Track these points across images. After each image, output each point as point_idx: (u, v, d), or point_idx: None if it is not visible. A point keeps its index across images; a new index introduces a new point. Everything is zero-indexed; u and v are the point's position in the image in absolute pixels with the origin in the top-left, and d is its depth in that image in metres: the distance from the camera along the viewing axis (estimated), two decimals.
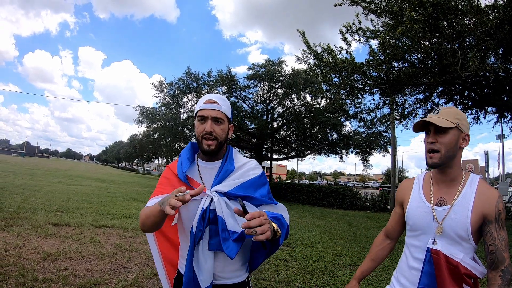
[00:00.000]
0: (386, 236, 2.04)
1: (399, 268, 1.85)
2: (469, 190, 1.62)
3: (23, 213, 8.04)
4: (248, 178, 1.74)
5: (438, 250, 1.59)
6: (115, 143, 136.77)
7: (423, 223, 1.67)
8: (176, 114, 24.66)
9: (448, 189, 1.68)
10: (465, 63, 7.41)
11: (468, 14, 7.47)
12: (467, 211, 1.57)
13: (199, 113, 1.71)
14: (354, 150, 24.74)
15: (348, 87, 11.21)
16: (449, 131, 1.61)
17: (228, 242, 1.57)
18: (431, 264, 1.60)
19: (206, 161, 1.78)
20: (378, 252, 2.02)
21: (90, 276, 4.57)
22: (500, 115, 12.66)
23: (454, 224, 1.57)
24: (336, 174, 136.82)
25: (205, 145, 1.68)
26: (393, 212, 1.99)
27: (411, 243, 1.76)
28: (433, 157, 1.63)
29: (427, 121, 1.63)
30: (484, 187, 1.63)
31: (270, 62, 23.86)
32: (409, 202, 1.79)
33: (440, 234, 1.60)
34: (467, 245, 1.59)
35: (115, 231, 7.46)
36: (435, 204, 1.67)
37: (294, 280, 5.18)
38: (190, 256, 1.58)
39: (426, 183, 1.79)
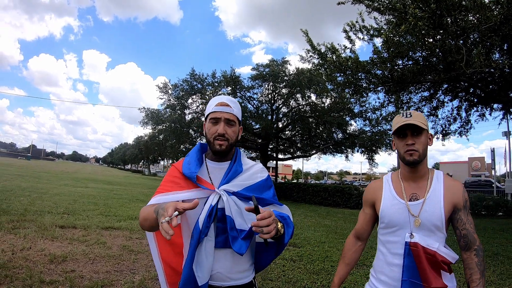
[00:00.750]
0: (357, 238, 2.09)
1: (377, 267, 1.91)
2: (437, 184, 1.80)
3: (29, 216, 8.07)
4: (255, 181, 1.80)
5: (416, 242, 1.70)
6: (120, 145, 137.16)
7: (400, 219, 1.78)
8: (181, 116, 24.69)
9: (418, 185, 1.83)
10: (470, 59, 7.37)
11: (472, 10, 7.42)
12: (439, 202, 1.74)
13: (211, 115, 1.75)
14: (360, 149, 24.62)
15: (352, 86, 11.19)
16: (423, 132, 1.78)
17: (237, 241, 1.61)
18: (411, 257, 1.70)
19: (215, 162, 1.82)
20: (352, 256, 2.07)
21: (97, 278, 4.58)
22: (506, 111, 12.59)
23: (429, 216, 1.72)
24: (342, 173, 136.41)
25: (217, 145, 1.71)
26: (362, 213, 2.07)
27: (388, 240, 1.84)
28: (413, 155, 1.75)
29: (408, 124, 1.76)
30: (449, 180, 1.83)
31: (274, 62, 23.83)
32: (382, 201, 1.88)
33: (418, 226, 1.72)
34: (440, 234, 1.74)
35: (121, 232, 7.48)
36: (408, 200, 1.80)
37: (301, 280, 5.16)
38: (192, 252, 1.59)
39: (395, 182, 1.92)
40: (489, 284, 5.28)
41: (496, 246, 8.21)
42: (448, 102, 12.92)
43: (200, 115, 25.18)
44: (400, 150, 1.80)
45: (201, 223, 1.60)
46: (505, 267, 6.30)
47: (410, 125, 1.75)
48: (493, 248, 7.94)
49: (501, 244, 8.52)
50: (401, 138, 1.80)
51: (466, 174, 72.54)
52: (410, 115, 1.78)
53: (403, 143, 1.78)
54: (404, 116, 1.78)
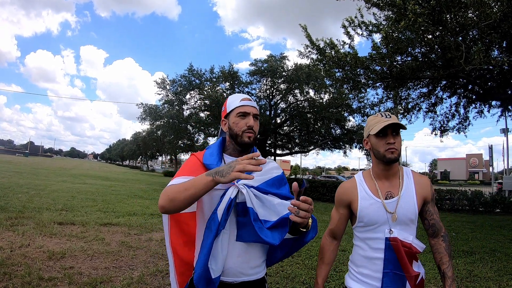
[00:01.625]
0: (332, 237, 2.12)
1: (357, 261, 1.97)
2: (408, 181, 1.93)
3: (28, 213, 8.07)
4: (272, 176, 1.85)
5: (396, 237, 1.81)
6: (118, 141, 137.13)
7: (378, 217, 1.86)
8: (179, 111, 24.65)
9: (391, 183, 1.93)
10: (469, 56, 7.36)
11: (471, 7, 7.39)
12: (413, 198, 1.87)
13: (239, 110, 1.79)
14: (358, 145, 24.64)
15: (351, 82, 11.16)
16: (399, 133, 1.90)
17: (265, 231, 1.63)
18: (391, 250, 1.81)
19: (233, 156, 1.85)
20: (330, 255, 2.10)
21: (96, 274, 4.58)
22: (504, 108, 12.60)
23: (405, 211, 1.84)
24: (340, 169, 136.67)
25: (246, 137, 1.76)
26: (336, 213, 2.10)
27: (368, 237, 1.91)
28: (394, 153, 1.84)
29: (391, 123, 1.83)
30: (418, 176, 1.98)
31: (272, 57, 23.78)
32: (359, 202, 1.93)
33: (395, 221, 1.82)
34: (413, 226, 1.88)
35: (120, 228, 7.48)
36: (384, 198, 1.89)
37: (299, 275, 5.18)
38: (209, 244, 1.57)
39: (368, 181, 1.99)
40: (487, 280, 5.31)
41: (493, 242, 8.23)
42: (447, 98, 12.93)
43: (199, 110, 25.16)
44: (380, 149, 1.86)
45: (220, 215, 1.59)
46: (502, 264, 6.32)
47: (391, 124, 1.83)
48: (491, 244, 7.97)
49: (499, 240, 8.54)
50: (381, 137, 1.86)
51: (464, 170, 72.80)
52: (390, 116, 1.87)
53: (384, 141, 1.85)
54: (384, 116, 1.88)
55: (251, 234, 1.64)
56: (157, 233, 7.36)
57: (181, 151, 34.97)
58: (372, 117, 1.94)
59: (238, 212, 1.67)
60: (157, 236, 7.11)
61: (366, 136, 1.98)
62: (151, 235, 7.11)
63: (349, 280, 2.00)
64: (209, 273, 1.57)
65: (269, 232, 1.63)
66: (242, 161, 1.40)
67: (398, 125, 1.84)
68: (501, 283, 5.24)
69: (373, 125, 1.89)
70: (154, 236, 7.03)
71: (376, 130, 1.84)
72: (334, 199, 2.14)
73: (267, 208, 1.70)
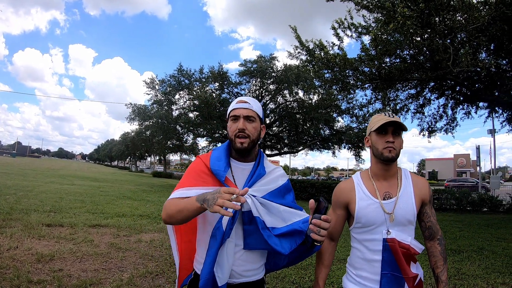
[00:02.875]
0: (330, 239, 2.08)
1: (355, 263, 1.95)
2: (406, 182, 1.92)
3: (16, 214, 7.98)
4: (277, 186, 1.83)
5: (393, 238, 1.79)
6: (107, 142, 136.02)
7: (376, 217, 1.84)
8: (168, 111, 24.62)
9: (389, 183, 1.91)
10: (457, 58, 7.45)
11: (460, 10, 7.48)
12: (411, 199, 1.85)
13: (231, 113, 1.78)
14: (347, 145, 24.80)
15: (340, 83, 11.22)
16: (401, 133, 1.87)
17: (274, 239, 1.65)
18: (389, 252, 1.79)
19: (239, 162, 1.83)
20: (329, 257, 2.07)
21: (85, 276, 4.55)
22: (492, 110, 12.76)
23: (403, 212, 1.82)
24: (329, 169, 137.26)
25: (238, 143, 1.73)
26: (333, 215, 2.06)
27: (365, 238, 1.89)
28: (392, 152, 1.81)
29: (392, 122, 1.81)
30: (416, 177, 1.97)
31: (262, 58, 23.81)
32: (357, 202, 1.91)
33: (392, 222, 1.81)
34: (411, 227, 1.86)
35: (109, 230, 7.43)
36: (382, 199, 1.87)
37: (289, 275, 5.19)
38: (214, 253, 1.60)
39: (366, 182, 1.97)
40: (475, 278, 5.37)
41: (481, 241, 8.33)
42: (435, 99, 13.05)
43: (188, 111, 25.11)
44: (379, 146, 1.84)
45: (225, 225, 1.61)
46: (489, 261, 6.41)
47: (393, 123, 1.81)
48: (478, 243, 8.07)
49: (486, 239, 8.65)
50: (382, 135, 1.85)
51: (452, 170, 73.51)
52: (393, 116, 1.84)
53: (383, 139, 1.83)
54: (387, 115, 1.84)
55: (260, 242, 1.66)
56: (147, 234, 7.33)
57: (170, 151, 34.95)
58: (376, 115, 1.93)
59: (244, 220, 1.68)
60: (147, 237, 7.08)
61: (368, 134, 1.96)
62: (141, 237, 7.08)
63: (347, 282, 1.99)
64: (216, 281, 1.59)
65: (277, 240, 1.66)
66: (223, 194, 1.37)
67: (400, 125, 1.82)
68: (489, 280, 5.31)
69: (375, 122, 1.87)
70: (143, 238, 6.99)
71: (377, 126, 1.83)
72: (331, 200, 2.09)
73: (274, 215, 1.71)
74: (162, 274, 4.91)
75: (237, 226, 1.68)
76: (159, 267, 5.19)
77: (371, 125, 1.90)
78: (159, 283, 4.58)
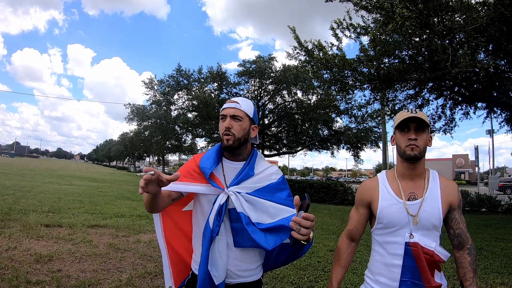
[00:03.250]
0: (350, 239, 2.02)
1: (374, 268, 1.87)
2: (433, 183, 1.80)
3: (14, 215, 7.97)
4: (267, 183, 1.81)
5: (416, 242, 1.69)
6: (105, 142, 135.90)
7: (399, 219, 1.74)
8: (166, 112, 24.60)
9: (415, 184, 1.81)
10: (456, 59, 7.47)
11: (458, 11, 7.51)
12: (437, 202, 1.74)
13: (221, 113, 1.81)
14: (345, 146, 24.78)
15: (339, 83, 11.25)
16: (425, 130, 1.75)
17: (259, 233, 1.64)
18: (411, 257, 1.69)
19: (230, 160, 1.85)
20: (347, 258, 1.99)
21: (84, 277, 4.54)
22: (490, 110, 12.80)
23: (429, 215, 1.71)
24: (327, 170, 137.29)
25: (225, 140, 1.75)
26: (355, 213, 2.01)
27: (386, 241, 1.81)
28: (414, 150, 1.72)
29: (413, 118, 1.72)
30: (445, 180, 1.84)
31: (260, 58, 23.77)
32: (380, 202, 1.83)
33: (416, 225, 1.71)
34: (436, 233, 1.75)
35: (107, 230, 7.43)
36: (407, 200, 1.77)
37: (288, 276, 5.19)
38: (206, 252, 1.61)
39: (391, 181, 1.88)
40: None
41: (480, 241, 8.35)
42: (433, 100, 13.07)
43: (186, 111, 25.09)
44: (401, 144, 1.77)
45: (211, 222, 1.63)
46: (489, 262, 6.42)
47: (415, 119, 1.72)
48: (477, 243, 8.08)
49: (485, 239, 8.67)
50: (404, 132, 1.77)
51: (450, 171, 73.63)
52: (416, 112, 1.74)
53: (406, 137, 1.75)
54: (409, 111, 1.75)
55: (247, 239, 1.66)
56: (145, 235, 7.32)
57: (169, 151, 34.90)
58: (400, 112, 1.82)
59: (231, 218, 1.69)
60: (145, 237, 7.07)
61: (393, 132, 1.87)
62: (139, 237, 7.07)
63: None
64: (212, 280, 1.60)
65: (262, 235, 1.64)
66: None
67: (423, 121, 1.72)
68: (488, 280, 5.32)
69: (397, 119, 1.79)
70: (142, 238, 6.99)
71: (397, 122, 1.77)
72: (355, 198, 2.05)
73: (260, 211, 1.71)
74: (161, 275, 4.89)
75: (226, 224, 1.70)
76: (158, 268, 5.19)
77: (395, 122, 1.83)
78: (158, 284, 4.58)
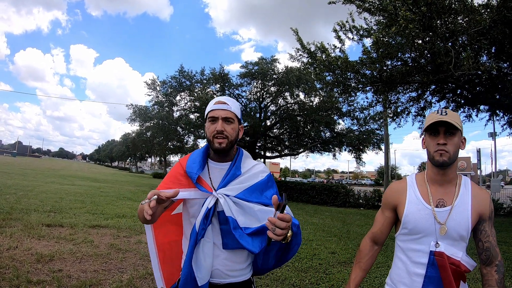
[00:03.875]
0: (373, 242, 1.95)
1: (396, 276, 1.80)
2: (465, 191, 1.68)
3: (16, 214, 7.97)
4: (254, 182, 1.79)
5: (442, 252, 1.59)
6: (108, 142, 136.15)
7: (425, 225, 1.65)
8: (169, 113, 24.61)
9: (445, 190, 1.69)
10: (458, 62, 7.46)
11: (461, 13, 7.51)
12: (467, 211, 1.62)
13: (209, 114, 1.76)
14: (347, 148, 24.75)
15: (341, 85, 11.24)
16: (456, 133, 1.64)
17: (246, 238, 1.63)
18: (435, 267, 1.60)
19: (216, 162, 1.83)
20: (368, 261, 1.93)
21: (85, 277, 4.54)
22: (492, 113, 12.77)
23: (456, 225, 1.60)
24: (329, 172, 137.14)
25: (216, 143, 1.72)
26: (381, 216, 1.93)
27: (410, 248, 1.72)
28: (443, 155, 1.62)
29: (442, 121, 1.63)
30: (477, 188, 1.71)
31: (263, 60, 23.78)
32: (406, 205, 1.74)
33: (444, 234, 1.60)
34: (463, 244, 1.64)
35: (109, 231, 7.42)
36: (435, 206, 1.67)
37: (289, 278, 5.18)
38: (189, 253, 1.62)
39: (420, 185, 1.77)
40: (475, 281, 5.34)
41: None
42: (436, 102, 13.05)
43: (189, 112, 25.09)
44: (430, 149, 1.67)
45: (198, 225, 1.63)
46: None
47: (444, 123, 1.62)
48: None
49: None
50: (433, 136, 1.67)
51: None
52: (446, 113, 1.65)
53: (435, 141, 1.65)
54: (439, 113, 1.65)
55: (234, 242, 1.65)
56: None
57: (171, 152, 34.86)
58: (430, 114, 1.72)
59: (220, 220, 1.69)
60: (146, 238, 7.05)
61: (423, 134, 1.77)
62: (140, 238, 7.07)
63: None
64: (195, 281, 1.60)
65: (249, 238, 1.63)
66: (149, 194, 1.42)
67: (453, 125, 1.62)
68: None
69: (427, 121, 1.69)
70: (143, 239, 6.98)
71: (426, 125, 1.68)
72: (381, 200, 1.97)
73: (248, 215, 1.69)
74: None
75: (215, 226, 1.69)
76: None
77: (425, 124, 1.73)
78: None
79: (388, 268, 5.82)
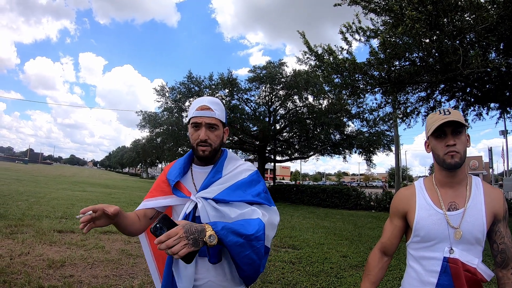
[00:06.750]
0: (383, 253, 1.87)
1: (408, 286, 1.71)
2: (476, 191, 1.60)
3: (27, 220, 8.05)
4: (236, 180, 1.70)
5: (456, 259, 1.52)
6: (118, 149, 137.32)
7: (438, 231, 1.57)
8: (178, 118, 24.70)
9: (456, 192, 1.62)
10: (467, 60, 7.39)
11: (468, 10, 7.44)
12: (481, 212, 1.55)
13: (192, 120, 1.68)
14: (358, 150, 24.73)
15: (349, 87, 11.18)
16: (463, 131, 1.57)
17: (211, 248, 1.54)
18: (448, 275, 1.53)
19: (200, 166, 1.78)
20: (378, 273, 1.84)
21: (96, 283, 4.56)
22: (503, 110, 12.61)
23: (471, 227, 1.53)
24: (340, 174, 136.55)
25: (200, 151, 1.66)
26: (390, 225, 1.85)
27: (423, 256, 1.64)
28: (455, 157, 1.54)
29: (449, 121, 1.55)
30: (489, 187, 1.63)
31: (271, 64, 23.83)
32: (417, 212, 1.66)
33: (459, 239, 1.53)
34: (479, 248, 1.56)
35: (119, 236, 7.45)
36: (447, 210, 1.60)
37: (300, 282, 5.16)
38: (168, 261, 1.60)
39: (430, 189, 1.70)
40: (490, 285, 5.28)
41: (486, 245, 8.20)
42: (445, 102, 12.93)
43: None
44: (439, 152, 1.59)
45: None
46: None
47: (451, 122, 1.55)
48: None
49: None
50: (440, 138, 1.59)
51: None
52: (449, 113, 1.57)
53: (443, 143, 1.57)
54: (442, 113, 1.59)
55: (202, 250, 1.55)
56: None
57: None
58: (431, 115, 1.65)
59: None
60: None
61: (427, 138, 1.69)
62: None
63: None
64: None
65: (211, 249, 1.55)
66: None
67: (459, 123, 1.55)
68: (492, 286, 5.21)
69: (430, 124, 1.61)
70: None
71: (432, 130, 1.58)
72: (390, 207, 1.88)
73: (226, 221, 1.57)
74: None
75: None
76: None
77: (427, 128, 1.65)
78: None
79: (400, 271, 5.77)
